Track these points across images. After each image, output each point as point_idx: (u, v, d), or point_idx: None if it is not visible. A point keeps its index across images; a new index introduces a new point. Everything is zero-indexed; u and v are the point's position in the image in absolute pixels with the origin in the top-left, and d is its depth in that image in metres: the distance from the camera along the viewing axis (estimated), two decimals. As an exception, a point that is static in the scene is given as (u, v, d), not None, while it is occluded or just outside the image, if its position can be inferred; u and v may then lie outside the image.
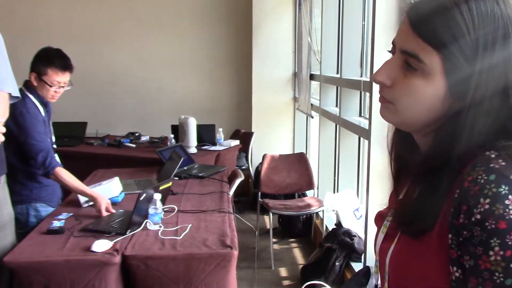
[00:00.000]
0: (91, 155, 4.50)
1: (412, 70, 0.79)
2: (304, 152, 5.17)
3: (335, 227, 3.77)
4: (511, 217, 0.70)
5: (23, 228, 2.67)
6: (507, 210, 0.71)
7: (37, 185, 2.75)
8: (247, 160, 5.51)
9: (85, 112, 5.69)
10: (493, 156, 0.75)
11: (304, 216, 4.60)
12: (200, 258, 2.20)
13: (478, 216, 0.72)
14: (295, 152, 5.45)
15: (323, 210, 4.14)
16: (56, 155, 2.93)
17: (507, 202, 0.71)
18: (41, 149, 2.62)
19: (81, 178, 3.40)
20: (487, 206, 0.72)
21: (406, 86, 0.80)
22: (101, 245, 2.23)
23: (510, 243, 0.70)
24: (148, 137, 5.14)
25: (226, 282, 2.24)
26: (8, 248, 2.35)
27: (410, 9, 0.80)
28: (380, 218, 0.99)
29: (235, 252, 2.22)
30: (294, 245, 4.52)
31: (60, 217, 2.64)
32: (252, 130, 5.78)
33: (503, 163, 0.74)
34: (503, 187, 0.72)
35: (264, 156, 4.49)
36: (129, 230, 2.39)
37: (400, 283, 0.87)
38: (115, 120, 5.93)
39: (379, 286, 0.98)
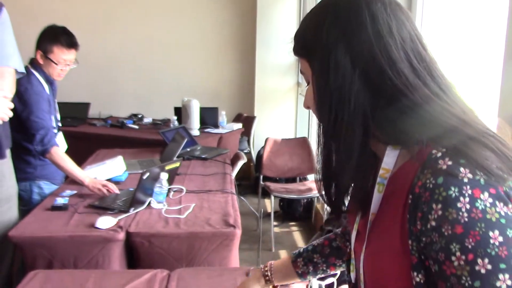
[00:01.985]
0: (94, 135, 4.51)
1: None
2: (307, 137, 5.17)
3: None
4: (466, 220, 0.68)
5: (26, 205, 2.69)
6: (460, 213, 0.69)
7: (40, 163, 2.76)
8: (249, 144, 5.52)
9: (87, 93, 5.68)
10: (439, 155, 0.73)
11: (305, 200, 4.62)
12: (203, 236, 2.21)
13: (434, 223, 0.71)
14: (297, 137, 5.46)
15: (324, 194, 4.14)
16: (61, 134, 2.94)
17: (459, 205, 0.69)
18: (42, 127, 2.62)
19: (83, 158, 3.43)
20: (440, 212, 0.70)
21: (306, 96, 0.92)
22: (105, 222, 2.24)
23: (470, 246, 0.68)
24: (150, 119, 5.15)
25: (228, 261, 2.25)
26: (12, 221, 2.37)
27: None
28: (351, 212, 0.98)
29: (238, 231, 2.24)
30: (294, 228, 4.54)
31: (64, 194, 2.65)
32: (255, 115, 5.78)
33: (450, 162, 0.71)
34: (453, 189, 0.69)
35: (266, 140, 4.49)
36: (132, 208, 2.40)
37: (374, 284, 0.87)
38: (118, 102, 5.93)
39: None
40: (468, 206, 0.69)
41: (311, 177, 4.78)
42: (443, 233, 0.70)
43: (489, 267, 0.68)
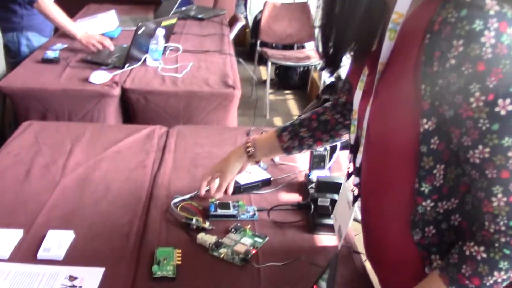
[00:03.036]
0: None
1: None
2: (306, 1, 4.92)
3: (334, 80, 3.70)
4: (490, 56, 0.62)
5: (14, 57, 2.59)
6: (484, 49, 0.62)
7: (27, 13, 2.58)
8: (245, 8, 5.27)
9: None
10: None
11: (301, 69, 4.52)
12: (202, 96, 2.14)
13: (453, 62, 0.65)
14: (296, 1, 5.19)
15: (322, 63, 4.04)
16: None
17: (483, 39, 0.62)
18: None
19: (71, 13, 3.22)
20: (461, 49, 0.64)
21: None
22: (99, 77, 2.15)
23: (491, 85, 0.62)
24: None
25: (226, 122, 2.21)
26: (0, 73, 2.28)
27: None
28: (354, 73, 0.93)
29: (238, 92, 2.17)
30: (289, 96, 4.49)
31: (54, 47, 2.53)
32: (253, -24, 5.45)
33: None
34: (477, 22, 0.62)
35: (265, 4, 4.27)
36: (127, 64, 2.30)
37: (379, 138, 0.83)
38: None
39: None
40: (493, 41, 0.62)
41: (309, 45, 4.63)
42: (462, 72, 0.64)
43: (510, 108, 0.63)
